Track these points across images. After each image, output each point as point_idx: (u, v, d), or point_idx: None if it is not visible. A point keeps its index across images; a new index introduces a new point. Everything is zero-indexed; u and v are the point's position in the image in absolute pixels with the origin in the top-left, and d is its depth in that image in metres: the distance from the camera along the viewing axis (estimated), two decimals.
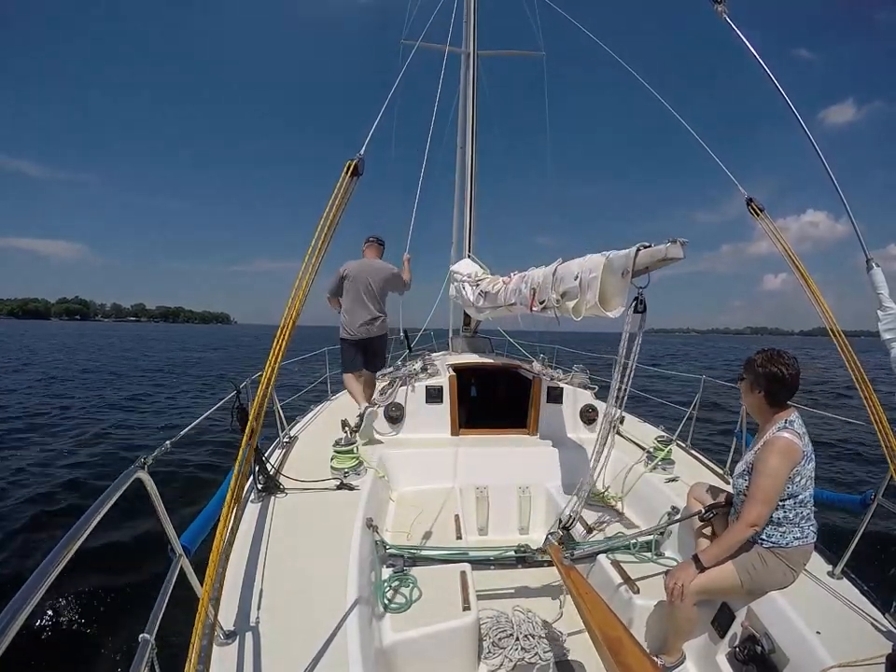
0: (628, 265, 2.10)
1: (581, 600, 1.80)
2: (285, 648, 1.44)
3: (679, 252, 1.93)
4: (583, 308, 2.48)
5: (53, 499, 5.22)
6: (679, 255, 1.94)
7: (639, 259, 2.06)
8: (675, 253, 1.93)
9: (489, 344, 6.44)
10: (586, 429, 3.94)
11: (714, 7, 2.44)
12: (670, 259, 1.96)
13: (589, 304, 2.41)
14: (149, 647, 1.14)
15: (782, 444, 1.73)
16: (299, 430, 3.74)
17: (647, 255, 2.04)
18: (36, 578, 0.79)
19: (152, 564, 3.74)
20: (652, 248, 2.02)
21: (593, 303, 2.36)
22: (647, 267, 2.07)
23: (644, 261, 2.06)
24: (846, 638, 1.61)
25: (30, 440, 7.65)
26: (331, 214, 1.94)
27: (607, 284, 2.31)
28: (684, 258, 1.95)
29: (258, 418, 1.71)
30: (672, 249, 1.93)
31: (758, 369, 1.82)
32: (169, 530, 1.40)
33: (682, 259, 1.96)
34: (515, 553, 2.43)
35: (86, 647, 3.00)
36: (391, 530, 2.64)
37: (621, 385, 2.25)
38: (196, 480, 5.84)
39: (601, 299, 2.33)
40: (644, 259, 2.05)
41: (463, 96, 7.01)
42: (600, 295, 2.32)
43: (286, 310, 1.84)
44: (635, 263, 2.07)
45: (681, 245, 1.92)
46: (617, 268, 2.22)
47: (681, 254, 1.93)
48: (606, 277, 2.30)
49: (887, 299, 1.96)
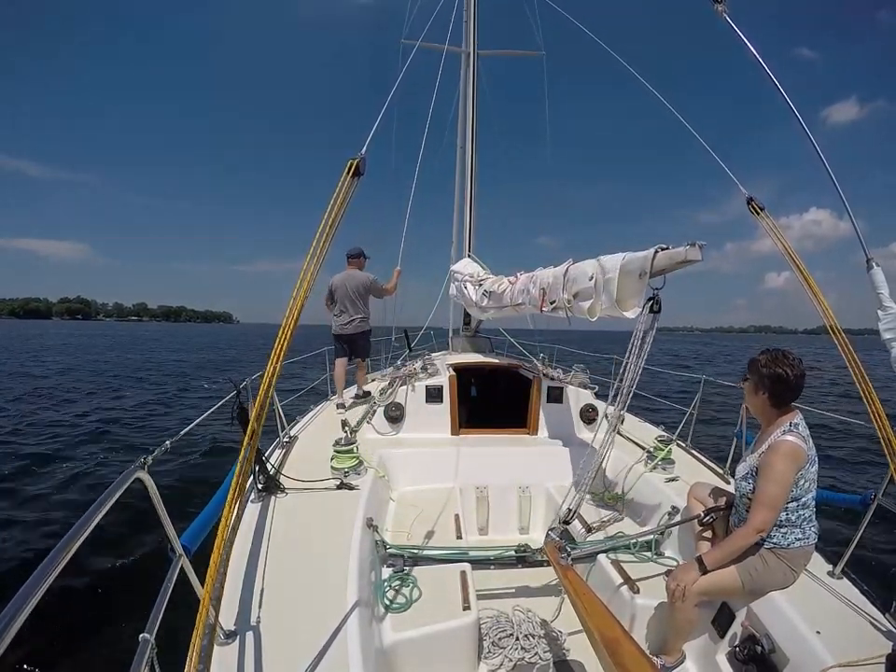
0: (646, 267, 2.12)
1: (578, 600, 1.80)
2: (285, 648, 1.44)
3: (697, 255, 1.95)
4: (599, 308, 2.50)
5: (53, 499, 5.22)
6: (698, 257, 1.96)
7: (657, 262, 2.08)
8: (693, 256, 1.95)
9: (489, 344, 6.45)
10: (586, 429, 3.94)
11: (714, 6, 2.44)
12: (689, 261, 1.98)
13: (605, 305, 2.44)
14: (149, 647, 1.14)
15: (788, 448, 1.72)
16: (299, 430, 3.74)
17: (665, 257, 2.05)
18: (36, 578, 0.79)
19: (152, 564, 3.74)
20: (671, 251, 2.03)
21: (609, 304, 2.39)
22: (664, 269, 2.09)
23: (662, 264, 2.07)
24: (846, 638, 1.61)
25: (29, 439, 7.65)
26: (333, 214, 1.94)
27: (623, 285, 2.33)
28: (702, 260, 1.97)
29: (258, 418, 1.71)
30: (691, 252, 1.95)
31: (762, 370, 1.81)
32: (169, 530, 1.39)
33: (700, 262, 1.98)
34: (515, 553, 2.43)
35: (86, 647, 3.00)
36: (391, 530, 2.64)
37: (624, 385, 2.25)
38: (196, 480, 5.84)
39: (617, 299, 2.35)
40: (662, 261, 2.07)
41: (463, 96, 7.01)
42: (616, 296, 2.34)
43: (287, 310, 1.84)
44: (653, 265, 2.09)
45: (699, 248, 1.94)
46: (634, 269, 2.24)
47: (700, 256, 1.95)
48: (622, 279, 2.32)
49: (887, 298, 1.96)
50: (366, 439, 3.46)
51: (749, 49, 2.36)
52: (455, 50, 7.20)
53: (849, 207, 2.06)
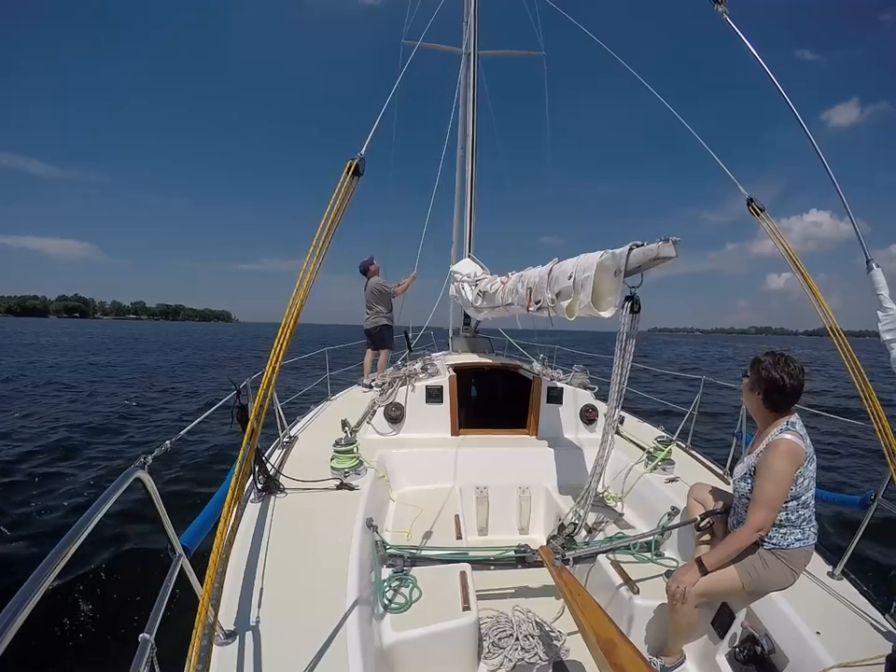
0: (620, 264, 2.10)
1: (573, 601, 1.80)
2: (285, 648, 1.44)
3: (671, 251, 1.92)
4: (577, 308, 2.48)
5: (53, 499, 5.22)
6: (672, 253, 1.92)
7: (632, 258, 2.06)
8: (667, 252, 1.92)
9: (489, 344, 6.45)
10: (586, 429, 3.94)
11: (714, 6, 2.44)
12: (662, 257, 1.95)
13: (582, 304, 2.40)
14: (149, 647, 1.14)
15: (786, 447, 1.72)
16: (299, 430, 3.74)
17: (639, 254, 2.03)
18: (36, 578, 0.79)
19: (152, 564, 3.74)
20: (645, 247, 2.01)
21: (586, 303, 2.36)
22: (640, 266, 2.06)
23: (637, 260, 2.05)
24: (846, 639, 1.61)
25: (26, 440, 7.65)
26: (332, 214, 1.94)
27: (600, 283, 2.31)
28: (677, 256, 1.93)
29: (258, 418, 1.71)
30: (664, 248, 1.92)
31: (761, 371, 1.81)
32: (169, 530, 1.39)
33: (675, 258, 1.95)
34: (515, 554, 2.43)
35: (86, 647, 3.00)
36: (391, 530, 2.63)
37: (614, 385, 2.24)
38: (196, 480, 5.84)
39: (595, 298, 2.33)
40: (637, 257, 2.04)
41: (463, 96, 7.02)
42: (594, 294, 2.31)
43: (287, 310, 1.84)
44: (627, 262, 2.07)
45: (673, 243, 1.91)
46: (610, 267, 2.22)
47: (674, 252, 1.92)
48: (599, 277, 2.30)
49: (887, 299, 1.96)
50: (366, 439, 3.45)
51: (749, 49, 2.36)
52: (456, 51, 7.21)
53: (850, 208, 2.06)
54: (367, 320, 5.68)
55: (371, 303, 5.65)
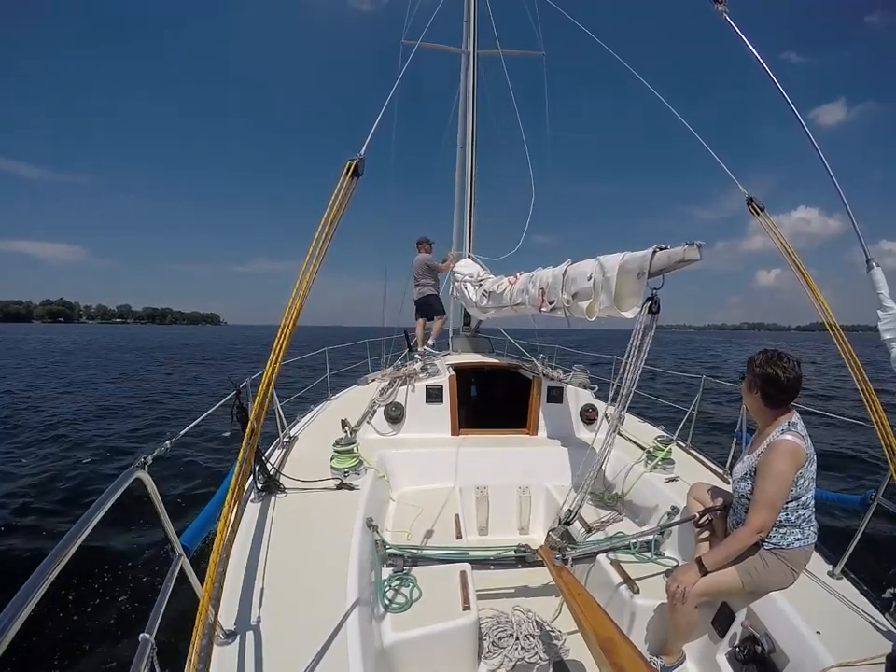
0: (644, 266, 2.12)
1: (572, 600, 1.80)
2: (285, 648, 1.44)
3: (695, 254, 1.95)
4: (597, 308, 2.50)
5: (53, 499, 5.22)
6: (696, 257, 1.95)
7: (656, 261, 2.08)
8: (692, 255, 1.95)
9: (489, 344, 6.45)
10: (586, 429, 3.94)
11: (714, 6, 2.44)
12: (687, 261, 1.98)
13: (603, 305, 2.43)
14: (149, 647, 1.14)
15: (786, 447, 1.71)
16: (299, 430, 3.74)
17: (664, 257, 2.05)
18: (36, 578, 0.80)
19: (152, 564, 3.74)
20: (670, 250, 2.03)
21: (608, 304, 2.39)
22: (663, 268, 2.08)
23: (660, 263, 2.07)
24: (846, 638, 1.61)
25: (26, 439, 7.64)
26: (331, 214, 1.94)
27: (621, 285, 2.33)
28: (701, 259, 1.97)
29: (258, 418, 1.71)
30: (689, 252, 1.95)
31: (756, 369, 1.82)
32: (169, 530, 1.39)
33: (699, 261, 1.98)
34: (515, 553, 2.43)
35: (86, 647, 3.00)
36: (391, 530, 2.63)
37: (624, 385, 2.25)
38: (196, 480, 5.84)
39: (616, 299, 2.35)
40: (661, 260, 2.07)
41: (463, 96, 7.01)
42: (615, 295, 2.34)
43: (286, 310, 1.84)
44: (651, 265, 2.09)
45: (698, 247, 1.94)
46: (632, 269, 2.24)
47: (698, 256, 1.95)
48: (621, 278, 2.32)
49: (887, 298, 1.95)
50: (366, 439, 3.45)
51: (749, 48, 2.36)
52: (456, 51, 7.21)
53: (850, 208, 2.05)
54: (415, 291, 6.17)
55: (419, 277, 6.10)
